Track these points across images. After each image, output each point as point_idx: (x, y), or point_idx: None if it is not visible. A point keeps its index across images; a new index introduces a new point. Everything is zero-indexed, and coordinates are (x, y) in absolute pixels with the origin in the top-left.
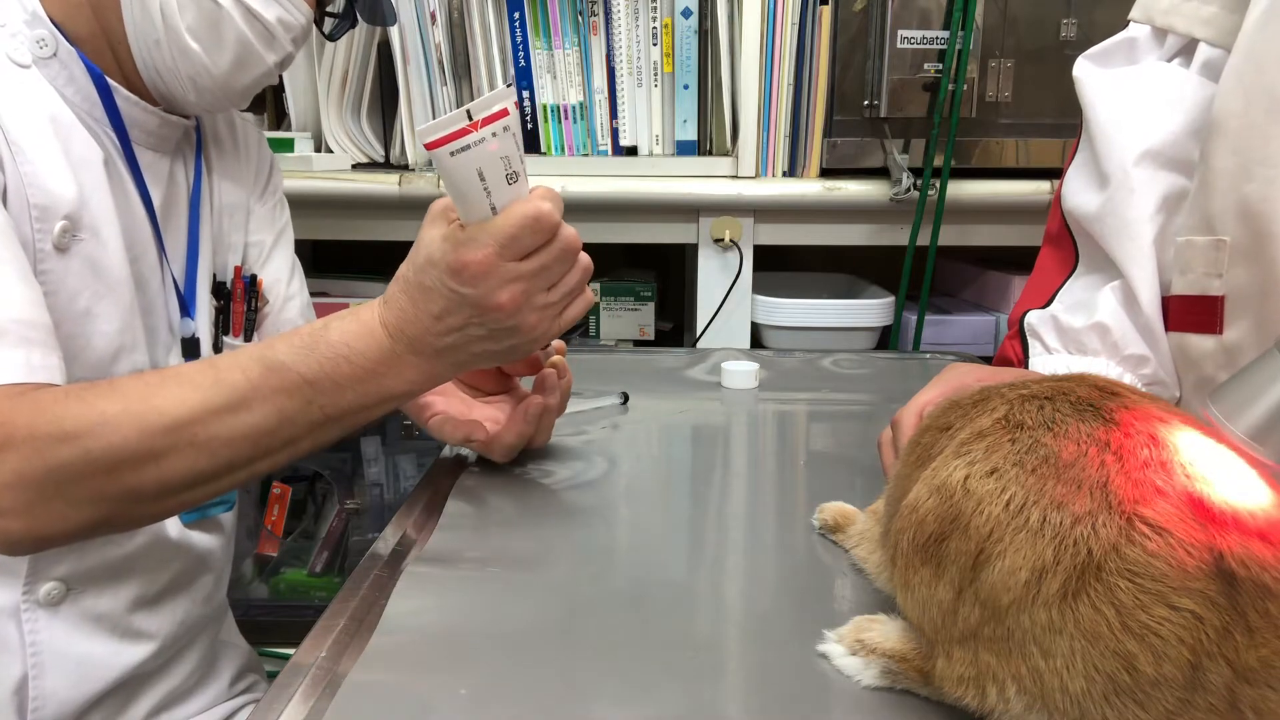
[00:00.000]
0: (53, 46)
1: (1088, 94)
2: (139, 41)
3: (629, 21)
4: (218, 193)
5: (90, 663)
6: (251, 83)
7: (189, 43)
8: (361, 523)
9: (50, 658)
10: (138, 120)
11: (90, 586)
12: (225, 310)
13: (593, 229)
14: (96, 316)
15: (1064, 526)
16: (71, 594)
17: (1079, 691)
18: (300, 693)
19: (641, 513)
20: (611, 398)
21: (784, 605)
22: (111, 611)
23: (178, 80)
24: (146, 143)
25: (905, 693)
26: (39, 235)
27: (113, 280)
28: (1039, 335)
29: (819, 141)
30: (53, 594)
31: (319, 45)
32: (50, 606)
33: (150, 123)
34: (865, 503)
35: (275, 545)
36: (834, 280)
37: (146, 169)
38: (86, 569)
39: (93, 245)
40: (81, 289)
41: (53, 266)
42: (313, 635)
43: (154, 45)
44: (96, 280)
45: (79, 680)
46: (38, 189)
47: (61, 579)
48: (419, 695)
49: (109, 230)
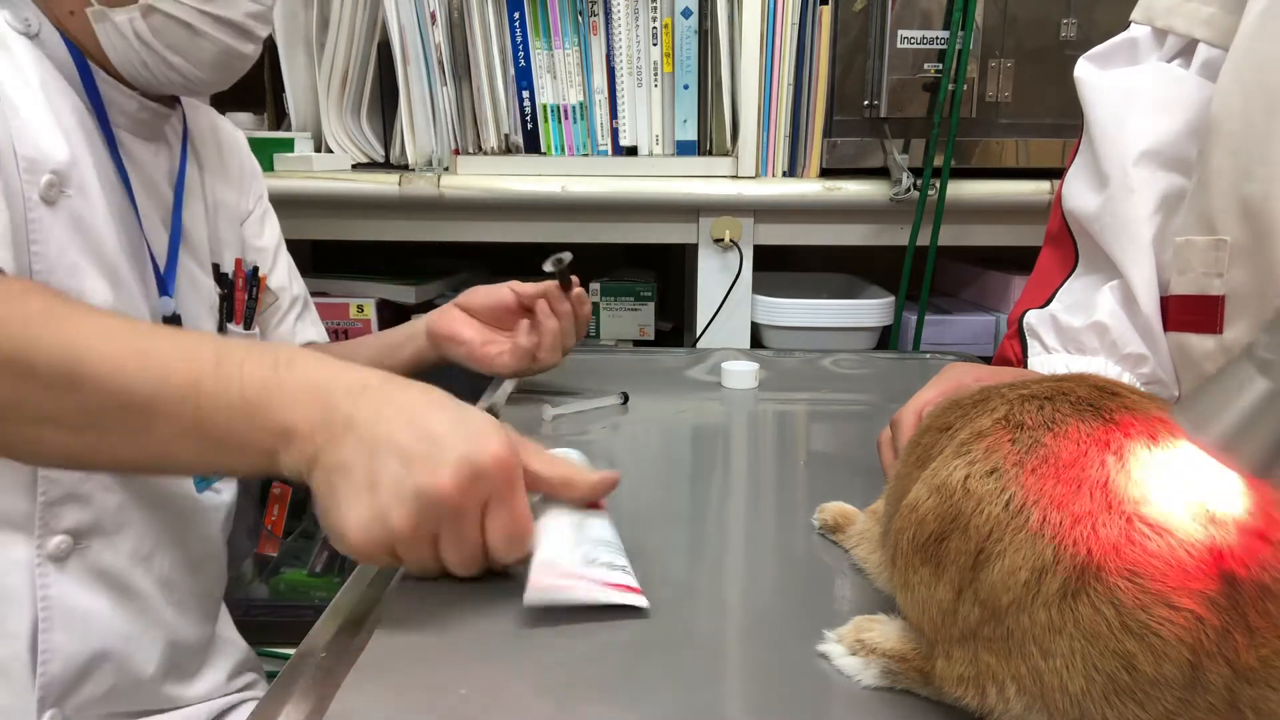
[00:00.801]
0: (36, 27)
1: (1088, 95)
2: (124, 65)
3: (629, 21)
4: (210, 188)
5: (94, 618)
6: (235, 74)
7: (172, 59)
8: None
9: (59, 612)
10: (116, 102)
11: (94, 540)
12: (229, 299)
13: (593, 229)
14: (85, 273)
15: (1064, 526)
16: (78, 548)
17: (1079, 691)
18: (300, 692)
19: (641, 513)
20: (612, 397)
21: (784, 605)
22: (112, 567)
23: (168, 86)
24: (126, 125)
25: (905, 693)
26: (26, 185)
27: (99, 241)
28: (1038, 335)
29: (819, 141)
30: (61, 547)
31: (319, 45)
32: (58, 561)
33: (129, 105)
34: (865, 503)
35: (275, 545)
36: (834, 280)
37: (124, 149)
38: (92, 520)
39: (80, 203)
40: (69, 244)
41: (40, 216)
42: (312, 635)
43: (140, 66)
44: (82, 237)
45: (84, 635)
46: (26, 141)
47: (69, 531)
48: (419, 695)
49: (96, 195)
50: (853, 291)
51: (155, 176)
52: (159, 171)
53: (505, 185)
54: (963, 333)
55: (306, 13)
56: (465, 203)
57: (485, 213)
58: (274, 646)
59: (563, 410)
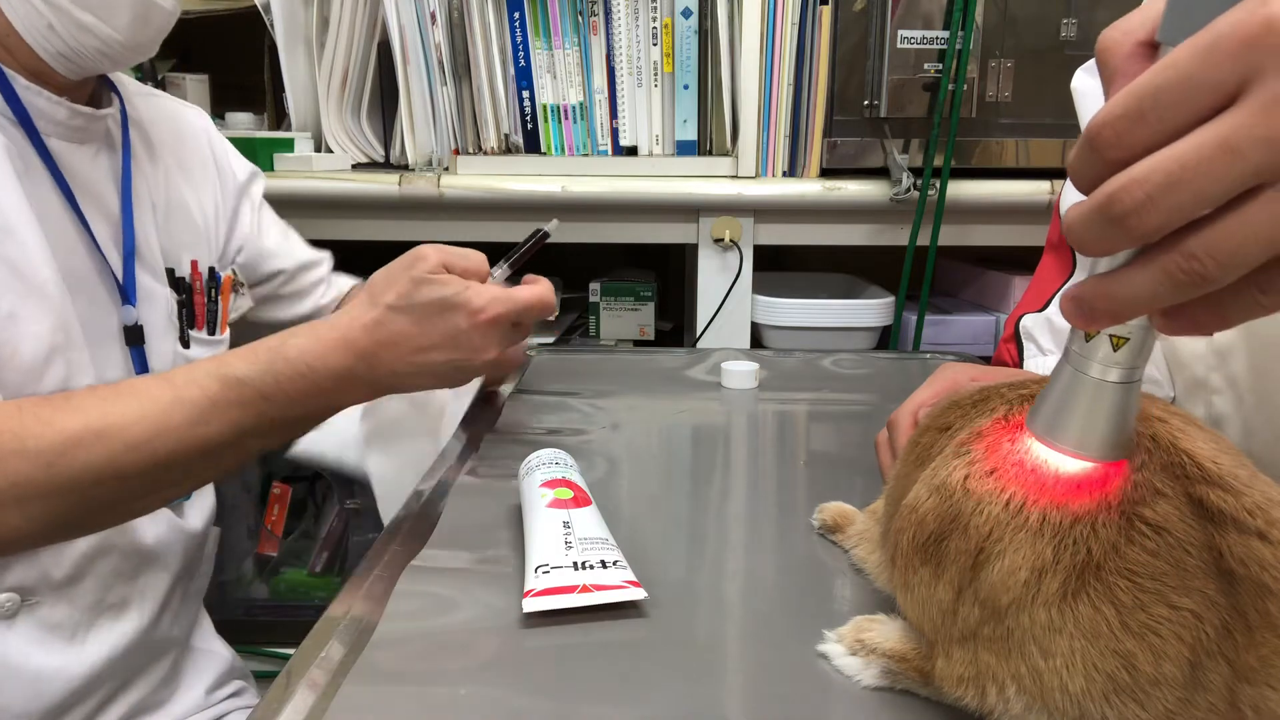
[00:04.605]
0: None
1: (1085, 104)
2: (30, 33)
3: (629, 21)
4: (160, 187)
5: (46, 674)
6: (158, 32)
7: (81, 16)
8: (361, 523)
9: (6, 671)
10: (44, 111)
11: (45, 595)
12: (188, 304)
13: (593, 229)
14: (22, 319)
15: (1063, 526)
16: (25, 605)
17: (1078, 691)
18: (300, 693)
19: (641, 513)
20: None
21: (784, 605)
22: (66, 620)
23: (86, 55)
24: (57, 134)
25: (905, 693)
26: None
27: (35, 280)
28: (1033, 337)
29: (819, 141)
30: (6, 606)
31: (319, 45)
32: (6, 619)
33: (58, 113)
34: (865, 503)
35: (275, 545)
36: (834, 280)
37: (60, 159)
38: (39, 577)
39: (9, 245)
40: (3, 292)
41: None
42: (312, 635)
43: (47, 30)
44: (18, 282)
45: (36, 695)
46: None
47: (14, 589)
48: (419, 695)
49: (25, 228)
50: (852, 291)
51: (98, 182)
52: (100, 175)
53: (505, 185)
54: (962, 333)
55: (306, 12)
56: (465, 203)
57: (485, 213)
58: (274, 646)
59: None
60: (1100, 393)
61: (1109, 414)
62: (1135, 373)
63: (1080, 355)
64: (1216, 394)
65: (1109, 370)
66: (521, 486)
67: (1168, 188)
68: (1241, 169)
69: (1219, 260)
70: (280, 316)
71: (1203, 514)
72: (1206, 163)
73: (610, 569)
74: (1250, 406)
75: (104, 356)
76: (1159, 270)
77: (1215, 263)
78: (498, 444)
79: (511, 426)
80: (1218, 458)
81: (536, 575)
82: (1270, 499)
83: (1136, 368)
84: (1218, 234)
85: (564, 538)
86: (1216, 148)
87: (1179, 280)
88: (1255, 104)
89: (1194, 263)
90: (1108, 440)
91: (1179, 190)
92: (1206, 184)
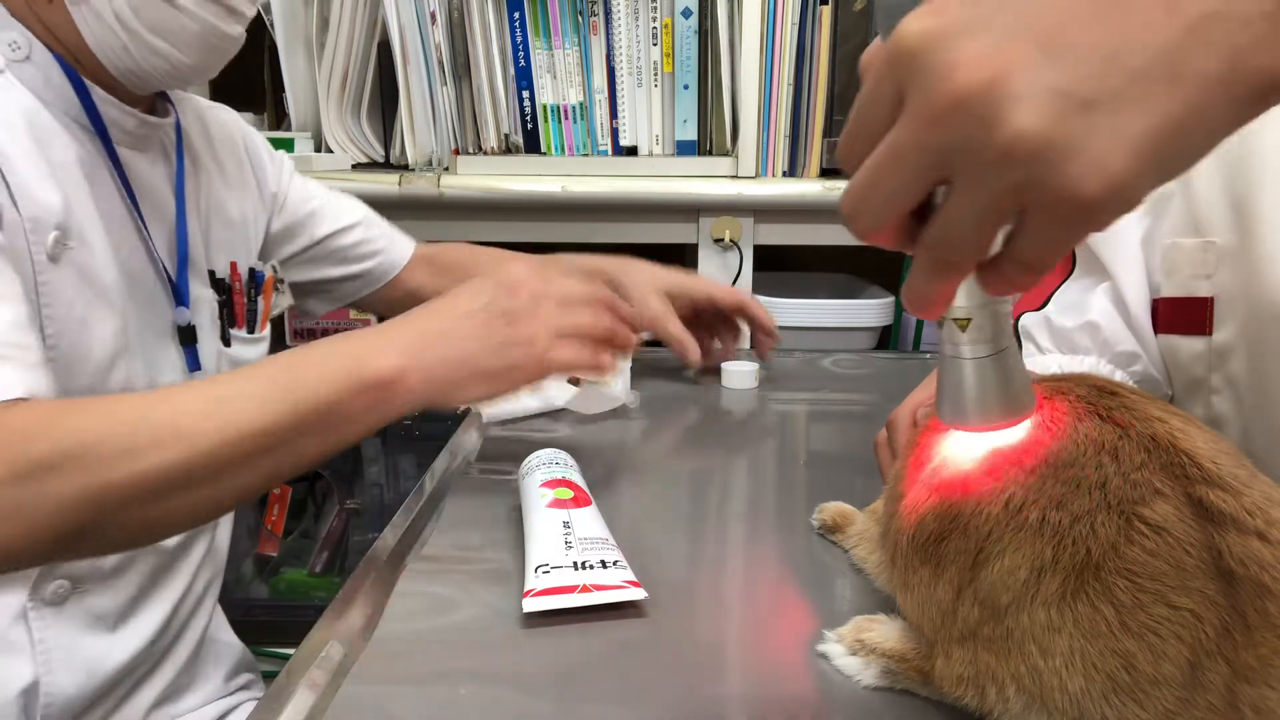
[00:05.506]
0: (26, 49)
1: None
2: (104, 52)
3: (629, 21)
4: (203, 191)
5: (93, 659)
6: (223, 57)
7: (155, 43)
8: (361, 523)
9: (58, 655)
10: (116, 120)
11: (94, 585)
12: (228, 304)
13: (593, 229)
14: (93, 324)
15: (1063, 526)
16: (75, 592)
17: (1078, 690)
18: (300, 692)
19: (641, 513)
20: None
21: (784, 605)
22: (111, 609)
23: (154, 75)
24: (126, 142)
25: (905, 693)
26: (34, 247)
27: (103, 285)
28: (1032, 336)
29: (819, 141)
30: (59, 592)
31: (319, 45)
32: (56, 605)
33: (129, 123)
34: (865, 503)
35: (275, 545)
36: (834, 280)
37: (128, 166)
38: (90, 566)
39: (81, 252)
40: (76, 298)
41: (49, 278)
42: (312, 635)
43: (121, 51)
44: (88, 287)
45: (86, 678)
46: (28, 199)
47: (67, 576)
48: (419, 695)
49: (94, 234)
50: (852, 291)
51: (156, 189)
52: (159, 181)
53: (505, 185)
54: None
55: (306, 13)
56: (465, 203)
57: (485, 213)
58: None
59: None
60: (975, 369)
61: (991, 384)
62: (996, 344)
63: (946, 342)
64: (1216, 394)
65: (968, 348)
66: (521, 486)
67: (864, 193)
68: (912, 169)
69: (949, 245)
70: (334, 275)
71: (1202, 514)
72: (884, 168)
73: (610, 569)
74: (1250, 407)
75: (159, 356)
76: (921, 262)
77: (947, 248)
78: (498, 444)
79: (511, 426)
80: (1217, 458)
81: (536, 575)
82: (1270, 499)
83: (994, 340)
84: (935, 227)
85: (564, 538)
86: (886, 154)
87: (937, 267)
88: (907, 114)
89: (933, 251)
90: (1002, 404)
91: (873, 193)
92: (891, 184)
